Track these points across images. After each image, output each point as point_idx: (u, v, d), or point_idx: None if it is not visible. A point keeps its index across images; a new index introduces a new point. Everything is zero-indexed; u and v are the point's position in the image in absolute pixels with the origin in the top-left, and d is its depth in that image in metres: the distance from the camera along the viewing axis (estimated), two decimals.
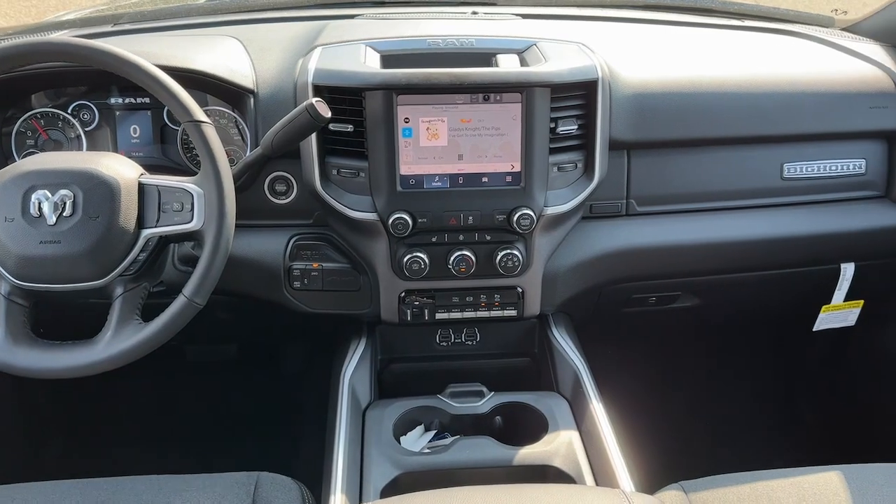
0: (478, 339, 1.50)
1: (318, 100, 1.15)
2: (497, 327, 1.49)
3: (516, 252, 1.31)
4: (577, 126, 1.30)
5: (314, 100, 1.14)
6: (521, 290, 1.39)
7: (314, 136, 1.25)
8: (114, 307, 1.09)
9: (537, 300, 1.41)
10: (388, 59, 1.33)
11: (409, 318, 1.39)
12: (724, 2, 1.83)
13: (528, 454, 1.17)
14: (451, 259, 1.32)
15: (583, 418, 1.25)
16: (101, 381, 1.18)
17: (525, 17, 1.59)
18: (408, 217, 1.27)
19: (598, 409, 1.24)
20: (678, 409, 2.04)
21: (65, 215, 1.05)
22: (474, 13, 1.59)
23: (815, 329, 1.69)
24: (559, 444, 1.18)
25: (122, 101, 1.38)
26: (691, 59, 1.48)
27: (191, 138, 1.12)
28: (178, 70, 1.24)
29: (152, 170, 1.16)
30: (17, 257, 1.05)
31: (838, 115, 1.46)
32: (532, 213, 1.29)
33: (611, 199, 1.42)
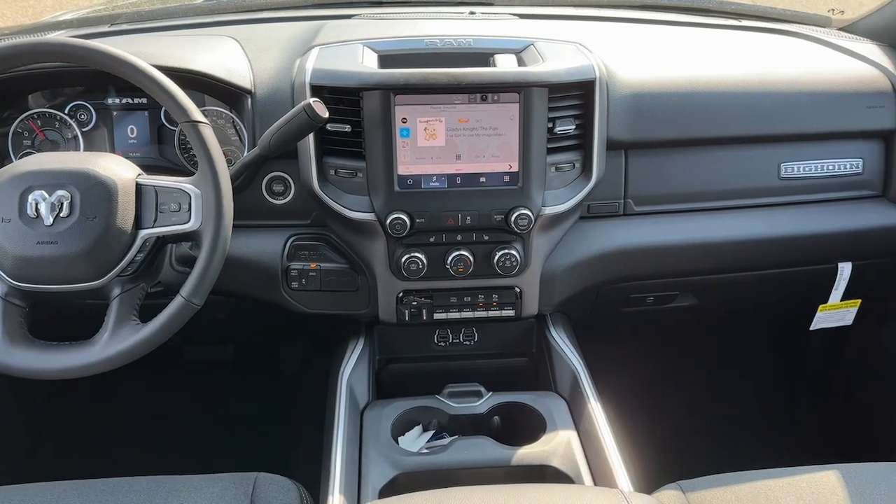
0: (476, 340, 1.50)
1: (316, 100, 1.14)
2: (495, 327, 1.49)
3: (514, 252, 1.31)
4: (574, 126, 1.30)
5: (312, 100, 1.14)
6: (518, 290, 1.39)
7: (312, 136, 1.24)
8: (111, 308, 1.09)
9: (535, 300, 1.40)
10: (385, 59, 1.32)
11: (407, 319, 1.38)
12: (721, 2, 1.83)
13: (526, 454, 1.17)
14: (449, 259, 1.32)
15: (581, 418, 1.25)
16: (99, 382, 1.18)
17: (522, 17, 1.59)
18: (405, 217, 1.27)
19: (596, 409, 1.24)
20: (676, 409, 2.04)
21: (62, 216, 1.05)
22: (472, 13, 1.59)
23: (811, 328, 1.69)
24: (557, 443, 1.18)
25: (119, 101, 1.38)
26: (689, 59, 1.49)
27: (188, 138, 1.12)
28: (176, 70, 1.24)
29: (149, 170, 1.15)
30: (13, 258, 1.05)
31: (835, 114, 1.46)
32: (530, 213, 1.29)
33: (608, 198, 1.42)
